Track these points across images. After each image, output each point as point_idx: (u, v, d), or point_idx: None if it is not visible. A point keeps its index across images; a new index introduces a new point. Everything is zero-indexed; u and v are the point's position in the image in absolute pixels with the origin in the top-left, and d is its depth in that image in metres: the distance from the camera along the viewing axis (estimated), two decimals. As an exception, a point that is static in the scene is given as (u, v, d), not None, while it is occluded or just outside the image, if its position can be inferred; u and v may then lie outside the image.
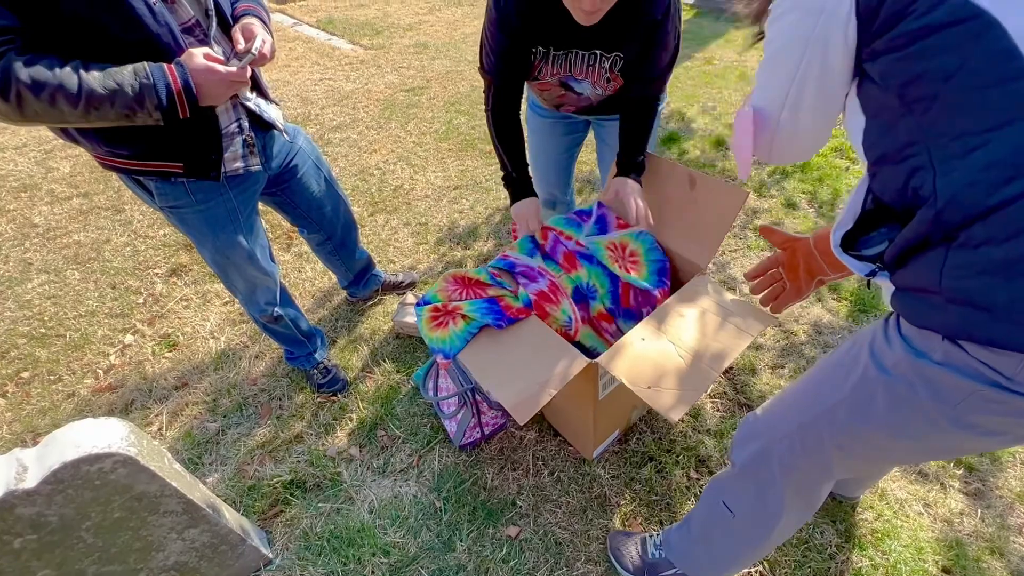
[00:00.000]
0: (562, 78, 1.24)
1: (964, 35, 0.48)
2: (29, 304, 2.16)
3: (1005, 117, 0.47)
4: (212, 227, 1.19)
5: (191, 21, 0.99)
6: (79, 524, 0.92)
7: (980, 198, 0.49)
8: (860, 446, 0.72)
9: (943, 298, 0.54)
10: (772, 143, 0.72)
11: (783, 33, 0.63)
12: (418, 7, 6.37)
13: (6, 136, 3.72)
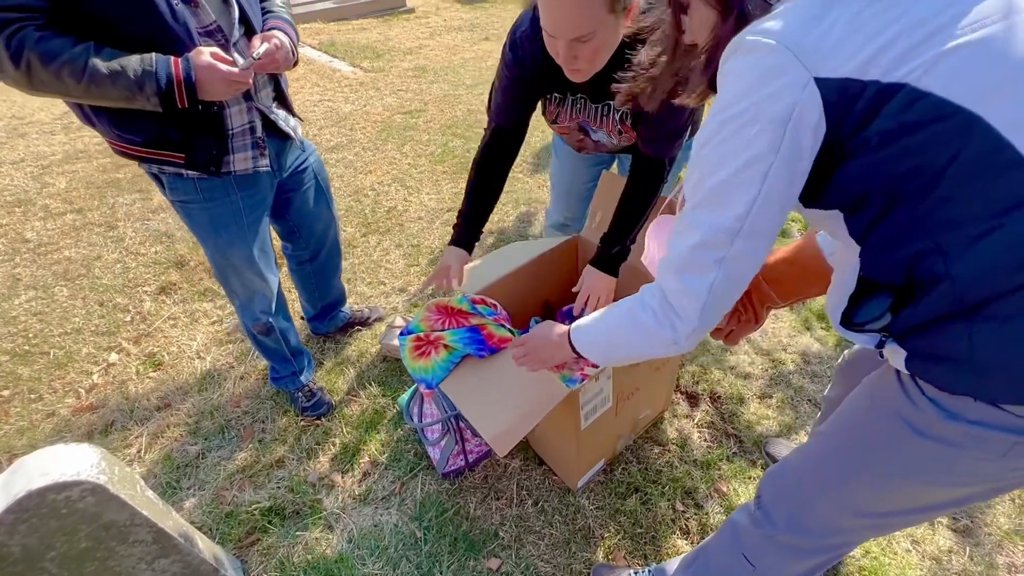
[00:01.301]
0: (580, 122, 1.24)
1: (949, 132, 0.49)
2: (15, 320, 2.14)
3: (1013, 202, 0.49)
4: (216, 226, 1.23)
5: (212, 25, 1.05)
6: (43, 555, 0.90)
7: (1004, 278, 0.50)
8: (912, 501, 0.71)
9: (979, 367, 0.54)
10: (714, 291, 0.62)
11: (742, 151, 0.56)
12: (419, 32, 6.50)
13: (4, 151, 3.74)
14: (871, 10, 0.50)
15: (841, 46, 0.50)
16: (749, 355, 1.73)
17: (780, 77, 0.52)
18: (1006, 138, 0.47)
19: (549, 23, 0.91)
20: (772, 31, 0.53)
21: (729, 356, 1.73)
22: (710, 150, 0.59)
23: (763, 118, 0.53)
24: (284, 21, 1.20)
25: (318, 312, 1.80)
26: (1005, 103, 0.47)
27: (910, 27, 0.49)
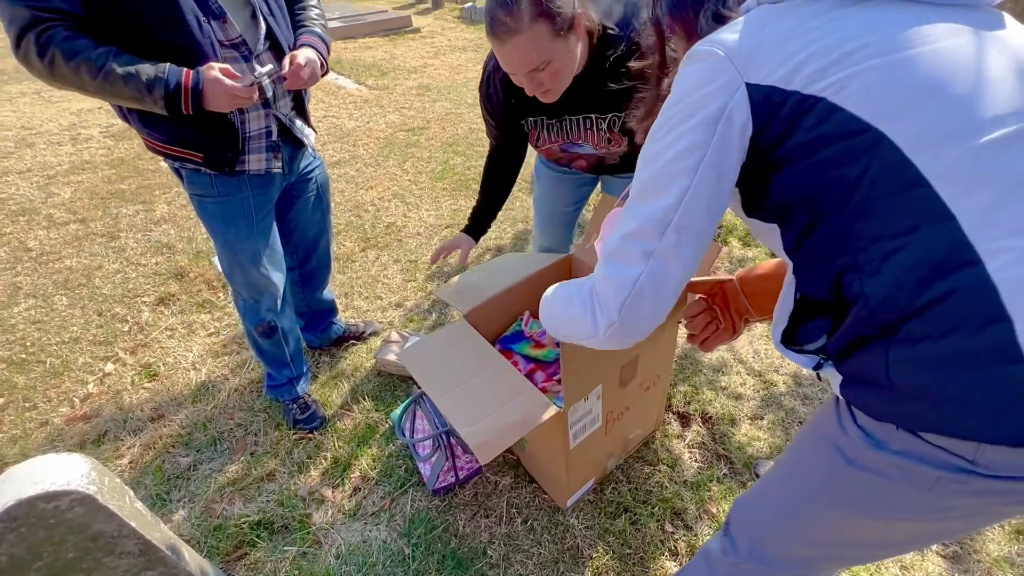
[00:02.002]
0: (562, 145, 1.28)
1: (859, 148, 0.51)
2: (13, 329, 2.15)
3: (913, 222, 0.50)
4: (226, 221, 1.30)
5: (238, 39, 1.15)
6: (29, 564, 0.90)
7: (909, 298, 0.51)
8: (850, 536, 0.70)
9: (895, 393, 0.54)
10: (638, 287, 0.61)
11: (677, 141, 0.58)
12: (423, 51, 6.64)
13: (11, 161, 3.80)
14: (802, 27, 0.54)
15: (771, 56, 0.54)
16: (741, 376, 1.74)
17: (716, 79, 0.56)
18: (909, 157, 0.49)
19: (503, 64, 0.96)
20: (716, 40, 0.58)
21: (721, 377, 1.74)
22: (651, 143, 0.62)
23: (698, 114, 0.57)
24: (315, 36, 1.29)
25: (308, 321, 1.82)
26: (910, 123, 0.49)
27: (833, 44, 0.52)
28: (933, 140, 0.49)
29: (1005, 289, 0.47)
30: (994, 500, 0.56)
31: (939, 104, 0.49)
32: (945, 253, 0.49)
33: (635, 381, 1.26)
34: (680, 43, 0.70)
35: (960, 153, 0.48)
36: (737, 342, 1.89)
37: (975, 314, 0.48)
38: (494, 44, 0.94)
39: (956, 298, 0.49)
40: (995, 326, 0.47)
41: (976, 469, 0.52)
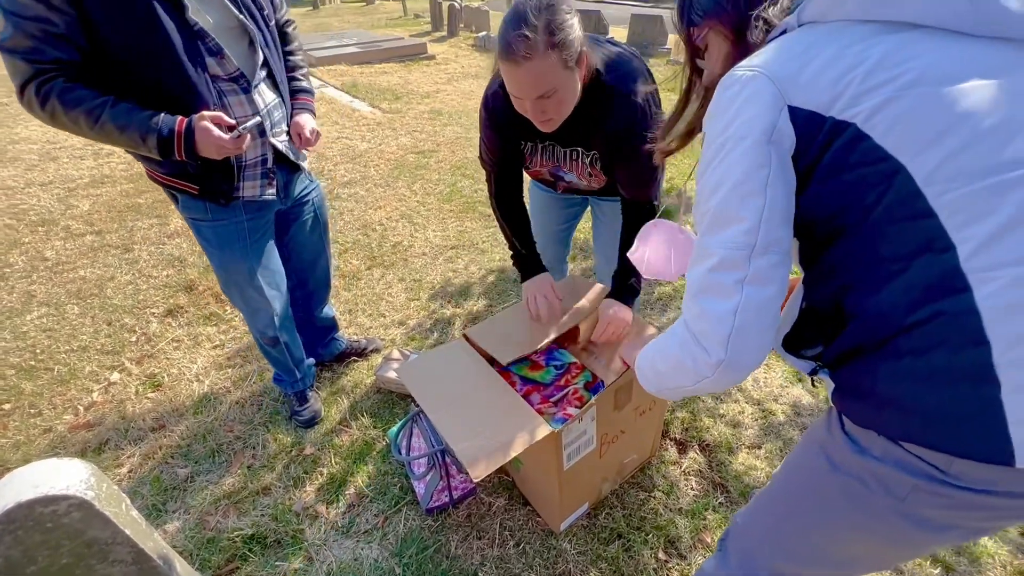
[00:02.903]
0: (551, 169, 1.33)
1: (878, 176, 0.54)
2: (24, 336, 2.20)
3: (916, 248, 0.53)
4: (221, 243, 1.34)
5: (236, 72, 1.19)
6: (24, 568, 0.91)
7: (901, 316, 0.54)
8: (832, 547, 0.72)
9: (879, 401, 0.57)
10: (740, 319, 0.58)
11: (738, 162, 0.58)
12: (437, 77, 6.82)
13: (35, 173, 3.93)
14: (843, 54, 0.55)
15: (813, 83, 0.55)
16: (740, 404, 1.73)
17: (762, 100, 0.57)
18: (921, 189, 0.51)
19: (513, 87, 1.00)
20: (756, 64, 0.59)
21: (720, 404, 1.74)
22: (711, 172, 0.61)
23: (754, 132, 0.57)
24: (308, 94, 1.43)
25: (310, 338, 1.83)
26: (928, 157, 0.51)
27: (869, 72, 0.53)
28: (947, 175, 0.51)
29: (988, 315, 0.49)
30: (969, 514, 0.57)
31: (959, 141, 0.51)
32: (939, 279, 0.52)
33: (630, 405, 1.26)
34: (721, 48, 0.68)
35: (970, 189, 0.50)
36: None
37: (957, 335, 0.51)
38: (507, 67, 0.97)
39: (943, 319, 0.52)
40: (975, 349, 0.50)
41: (948, 479, 0.54)
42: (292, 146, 1.38)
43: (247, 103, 1.23)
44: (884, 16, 0.54)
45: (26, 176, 3.89)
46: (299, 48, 1.45)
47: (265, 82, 1.28)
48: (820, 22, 0.58)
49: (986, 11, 0.51)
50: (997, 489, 0.53)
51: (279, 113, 1.33)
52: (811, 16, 0.58)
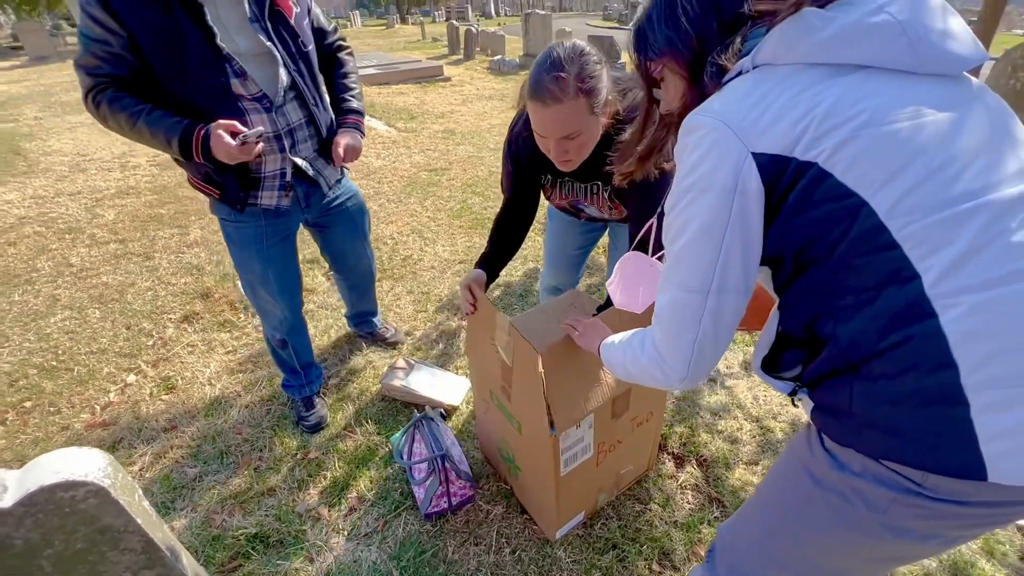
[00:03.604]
0: (571, 202, 1.39)
1: (843, 211, 0.57)
2: (48, 337, 2.29)
3: (884, 279, 0.56)
4: (240, 244, 1.49)
5: (259, 93, 1.31)
6: (41, 551, 0.96)
7: (873, 342, 0.57)
8: (821, 558, 0.74)
9: (856, 421, 0.60)
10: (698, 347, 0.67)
11: (698, 216, 0.63)
12: (452, 98, 7.01)
13: (65, 183, 4.10)
14: (799, 98, 0.58)
15: (772, 128, 0.59)
16: (739, 420, 1.75)
17: (724, 150, 0.60)
18: (884, 223, 0.55)
19: (540, 126, 1.06)
20: (716, 111, 0.62)
21: (719, 420, 1.75)
22: (675, 216, 0.67)
23: (716, 187, 0.61)
24: (356, 113, 1.54)
25: (353, 315, 2.16)
26: (888, 193, 0.55)
27: (826, 114, 0.57)
28: (907, 209, 0.55)
29: (954, 339, 0.52)
30: (947, 523, 0.59)
31: (915, 177, 0.54)
32: (907, 306, 0.55)
33: (627, 414, 1.29)
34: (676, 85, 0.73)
35: (929, 221, 0.54)
36: (737, 387, 1.90)
37: (927, 359, 0.54)
38: (536, 107, 1.02)
39: (913, 344, 0.55)
40: (944, 371, 0.53)
41: (925, 492, 0.57)
42: (316, 163, 1.50)
43: (268, 121, 1.34)
44: (833, 59, 0.58)
45: (56, 186, 4.06)
46: (352, 71, 1.58)
47: (293, 103, 1.39)
48: (774, 64, 0.61)
49: (924, 52, 0.56)
50: (971, 500, 0.56)
51: (304, 132, 1.44)
52: (765, 59, 0.61)
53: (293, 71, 1.35)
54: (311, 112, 1.43)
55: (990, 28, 2.34)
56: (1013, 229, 0.52)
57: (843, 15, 0.57)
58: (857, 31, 0.56)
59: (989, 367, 0.51)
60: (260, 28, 1.28)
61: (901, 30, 0.55)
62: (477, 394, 1.49)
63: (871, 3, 0.57)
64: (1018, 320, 0.51)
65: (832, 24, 0.57)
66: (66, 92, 8.05)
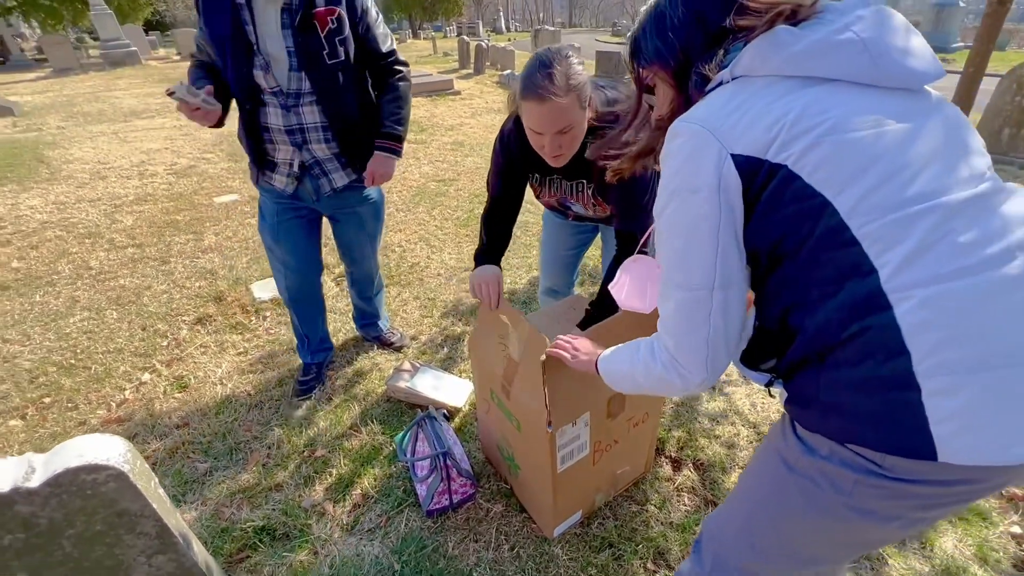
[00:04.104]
0: (559, 200, 1.47)
1: (810, 210, 0.62)
2: (67, 336, 2.37)
3: (846, 272, 0.61)
4: (262, 212, 1.75)
5: (276, 88, 1.49)
6: (63, 531, 1.01)
7: (836, 332, 0.62)
8: (796, 543, 0.78)
9: (823, 408, 0.65)
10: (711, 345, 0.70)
11: (691, 213, 0.66)
12: (462, 111, 7.14)
13: (85, 190, 4.23)
14: (772, 106, 0.64)
15: (747, 132, 0.64)
16: (736, 426, 1.78)
17: (704, 152, 0.65)
18: (846, 222, 0.60)
19: (536, 123, 1.13)
20: (697, 118, 0.67)
21: (717, 426, 1.78)
22: (665, 219, 0.71)
23: (704, 186, 0.65)
24: (388, 139, 1.65)
25: (358, 318, 2.26)
26: (850, 194, 0.60)
27: (795, 120, 0.62)
28: (865, 209, 0.59)
29: (906, 329, 0.57)
30: (906, 503, 0.63)
31: (874, 180, 0.59)
32: (865, 298, 0.59)
33: (623, 415, 1.33)
34: (665, 92, 0.78)
35: (885, 221, 0.59)
36: (735, 394, 1.93)
37: (883, 347, 0.58)
38: (532, 105, 1.10)
39: (870, 333, 0.59)
40: (897, 359, 0.57)
41: (884, 472, 0.61)
42: (328, 164, 1.65)
43: (281, 116, 1.52)
44: (803, 72, 0.64)
45: (77, 193, 4.19)
46: (400, 96, 1.66)
47: (312, 105, 1.53)
48: (750, 76, 0.67)
49: (885, 67, 0.61)
50: (927, 479, 0.60)
51: (319, 134, 1.58)
52: (742, 71, 0.67)
53: (311, 77, 1.48)
54: (329, 119, 1.55)
55: (987, 46, 2.39)
56: (960, 230, 0.56)
57: (812, 32, 0.63)
58: (824, 47, 0.62)
59: (938, 355, 0.55)
60: (286, 36, 1.44)
61: (864, 47, 0.61)
62: (479, 394, 1.54)
63: (839, 22, 0.63)
64: (962, 313, 0.55)
65: (802, 40, 0.63)
66: (88, 103, 8.30)
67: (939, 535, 1.41)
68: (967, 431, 0.54)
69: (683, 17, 0.71)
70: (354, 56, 1.55)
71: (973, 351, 0.54)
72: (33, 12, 15.76)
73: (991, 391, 0.54)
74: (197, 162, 5.01)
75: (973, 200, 0.58)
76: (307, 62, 1.46)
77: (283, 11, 1.42)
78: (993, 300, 0.55)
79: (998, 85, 4.70)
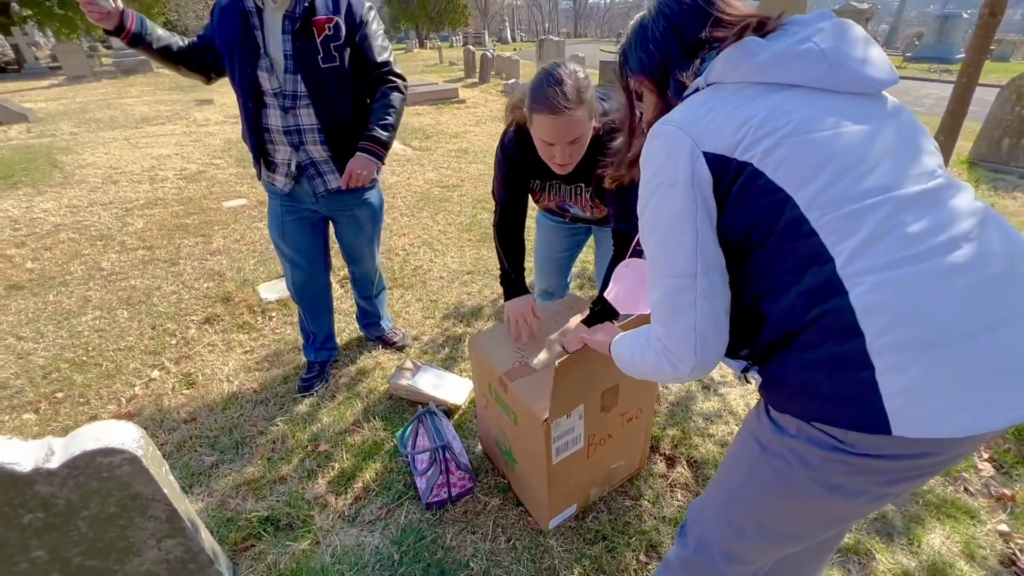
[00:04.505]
0: (559, 203, 1.53)
1: (773, 205, 0.67)
2: (79, 335, 2.44)
3: (806, 262, 0.66)
4: (270, 212, 1.85)
5: (277, 89, 1.57)
6: (79, 512, 1.06)
7: (800, 316, 0.67)
8: (771, 521, 0.82)
9: (791, 389, 0.69)
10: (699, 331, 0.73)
11: (669, 208, 0.72)
12: (466, 119, 7.23)
13: (98, 194, 4.32)
14: (741, 109, 0.69)
15: (718, 132, 0.69)
16: (730, 426, 1.81)
17: (679, 150, 0.71)
18: (804, 215, 0.65)
19: (549, 134, 1.19)
20: (674, 120, 0.73)
21: (711, 425, 1.82)
22: (648, 213, 0.76)
23: (680, 181, 0.70)
24: (370, 141, 1.66)
25: (360, 317, 2.31)
26: (808, 190, 0.65)
27: (761, 123, 0.67)
28: (822, 203, 0.65)
29: (859, 312, 0.62)
30: (869, 478, 0.68)
31: (829, 177, 0.65)
32: (824, 284, 0.64)
33: (617, 409, 1.37)
34: (649, 98, 0.85)
35: (840, 213, 0.64)
36: (730, 395, 1.97)
37: (840, 329, 0.63)
38: (546, 117, 1.16)
39: (829, 316, 0.64)
40: (853, 339, 0.62)
41: (846, 447, 0.66)
42: (322, 166, 1.72)
43: (280, 117, 1.60)
44: (768, 79, 0.70)
45: (90, 196, 4.29)
46: (390, 103, 1.68)
47: (308, 108, 1.61)
48: (722, 83, 0.73)
49: (842, 74, 0.67)
50: (886, 453, 0.64)
51: (314, 136, 1.66)
52: (715, 78, 0.73)
53: (305, 80, 1.57)
54: (322, 121, 1.63)
55: (979, 57, 2.45)
56: (910, 221, 0.61)
57: (777, 43, 0.69)
58: (787, 56, 0.68)
59: (888, 335, 0.60)
60: (285, 40, 1.53)
61: (823, 56, 0.67)
62: (478, 389, 1.59)
63: (800, 33, 0.69)
64: (911, 296, 0.60)
65: (767, 50, 0.69)
66: (100, 110, 8.46)
67: (927, 532, 1.44)
68: (917, 405, 0.59)
69: (663, 31, 0.78)
70: (350, 64, 1.62)
71: (920, 331, 0.59)
72: (48, 21, 16.11)
73: (937, 367, 0.58)
74: (206, 167, 5.11)
75: (923, 194, 0.63)
76: (302, 65, 1.55)
77: (285, 17, 1.52)
78: (939, 285, 0.60)
79: (998, 95, 4.74)
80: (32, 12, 15.69)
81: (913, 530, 1.44)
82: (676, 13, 0.77)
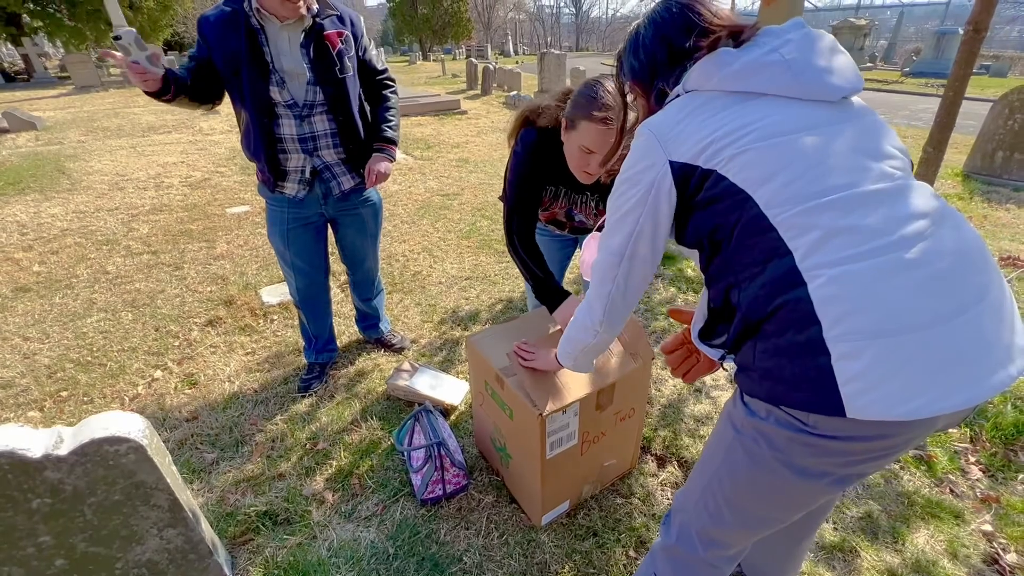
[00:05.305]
0: (566, 211, 1.60)
1: (734, 204, 0.73)
2: (84, 336, 2.48)
3: (767, 256, 0.71)
4: (271, 221, 1.86)
5: (290, 101, 1.63)
6: (85, 498, 1.10)
7: (763, 306, 0.71)
8: (745, 504, 0.85)
9: (759, 375, 0.74)
10: (612, 297, 0.91)
11: (628, 201, 0.82)
12: (467, 130, 7.34)
13: (104, 200, 4.39)
14: (711, 119, 0.75)
15: (686, 141, 0.76)
16: (721, 428, 1.84)
17: (650, 156, 0.79)
18: (764, 212, 0.70)
19: (595, 143, 1.24)
20: (654, 124, 0.80)
21: (701, 426, 1.85)
22: (615, 198, 0.86)
23: (641, 182, 0.80)
24: (385, 142, 1.81)
25: (360, 320, 2.36)
26: (767, 189, 0.70)
27: (727, 132, 0.73)
28: (780, 201, 0.70)
29: (817, 302, 0.67)
30: (832, 460, 0.72)
31: (789, 176, 0.70)
32: (784, 276, 0.69)
33: (611, 408, 1.41)
34: (640, 102, 0.94)
35: (797, 210, 0.69)
36: (721, 398, 2.00)
37: (799, 318, 0.68)
38: (596, 126, 1.21)
39: (789, 306, 0.69)
40: (811, 328, 0.67)
41: (808, 429, 0.70)
42: (335, 168, 1.79)
43: (295, 126, 1.66)
44: (739, 88, 0.75)
45: (96, 203, 4.36)
46: (392, 106, 1.86)
47: (322, 115, 1.70)
48: (698, 90, 0.79)
49: (806, 83, 0.73)
50: (844, 435, 0.68)
51: (328, 141, 1.74)
52: (692, 85, 0.80)
53: (323, 90, 1.65)
54: (338, 126, 1.72)
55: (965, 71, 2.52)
56: (866, 217, 0.66)
57: (746, 54, 0.75)
58: (755, 66, 0.74)
59: (843, 324, 0.64)
60: (305, 54, 1.61)
61: (787, 66, 0.72)
62: (473, 387, 1.63)
63: (769, 44, 0.74)
64: (865, 288, 0.65)
65: (737, 61, 0.75)
66: (107, 118, 8.60)
67: (911, 531, 1.47)
68: (870, 390, 0.63)
69: (652, 38, 0.85)
70: (356, 72, 1.74)
71: (874, 320, 0.63)
72: (58, 32, 16.40)
73: (889, 354, 0.63)
74: (211, 175, 5.19)
75: (880, 193, 0.68)
76: (322, 77, 1.64)
77: (303, 33, 1.61)
78: (892, 278, 0.64)
79: (991, 109, 4.82)
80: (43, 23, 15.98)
81: (898, 529, 1.47)
82: (665, 22, 0.84)
